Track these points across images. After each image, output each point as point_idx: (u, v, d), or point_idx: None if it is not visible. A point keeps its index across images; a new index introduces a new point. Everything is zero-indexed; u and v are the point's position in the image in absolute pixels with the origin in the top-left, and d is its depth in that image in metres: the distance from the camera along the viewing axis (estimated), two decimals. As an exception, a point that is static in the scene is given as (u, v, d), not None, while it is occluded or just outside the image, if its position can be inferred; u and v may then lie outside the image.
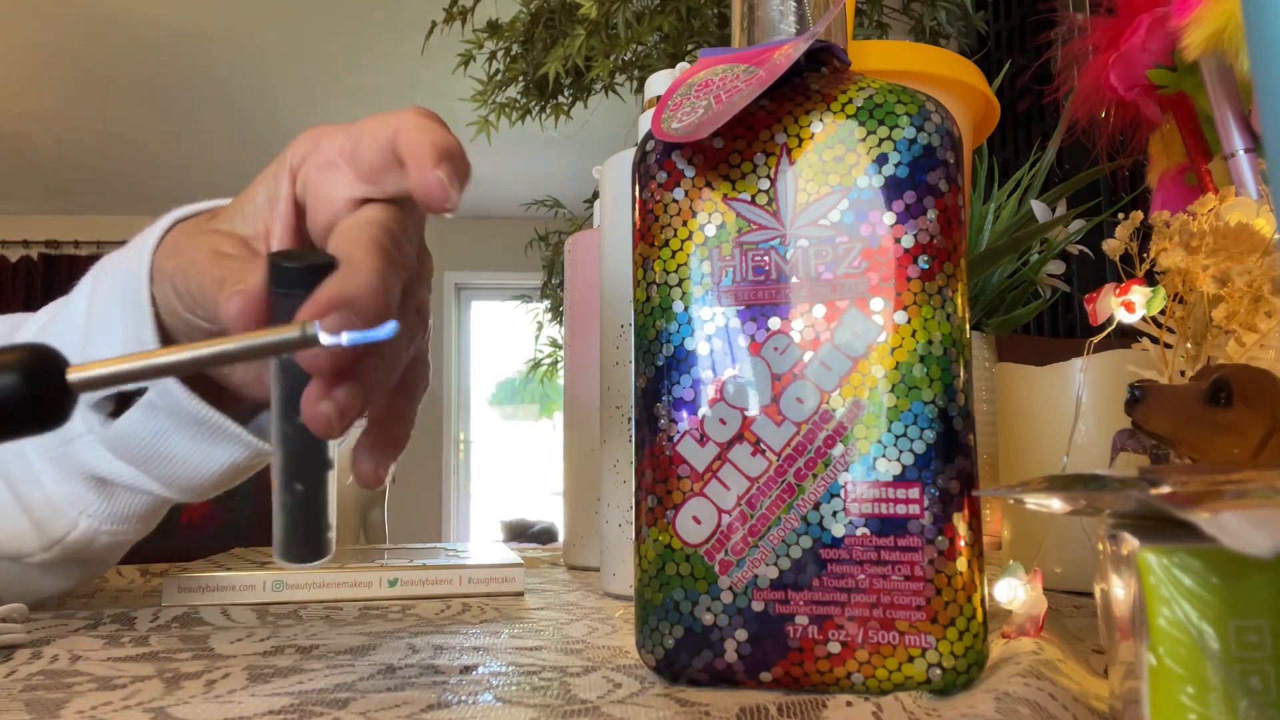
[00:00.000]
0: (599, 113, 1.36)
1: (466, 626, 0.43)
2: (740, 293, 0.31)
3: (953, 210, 0.30)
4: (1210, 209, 0.40)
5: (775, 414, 0.30)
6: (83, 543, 0.42)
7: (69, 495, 0.41)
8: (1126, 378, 0.40)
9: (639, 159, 0.33)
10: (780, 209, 0.31)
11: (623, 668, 0.33)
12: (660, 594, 0.31)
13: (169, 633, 0.41)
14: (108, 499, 0.41)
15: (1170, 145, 0.71)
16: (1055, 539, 0.51)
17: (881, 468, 0.29)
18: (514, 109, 1.33)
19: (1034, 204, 0.82)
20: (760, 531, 0.30)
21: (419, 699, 0.29)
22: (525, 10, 1.29)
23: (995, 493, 0.24)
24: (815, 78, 0.32)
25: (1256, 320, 0.38)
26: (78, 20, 2.91)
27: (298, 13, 2.91)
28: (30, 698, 0.29)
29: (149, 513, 0.43)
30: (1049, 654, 0.31)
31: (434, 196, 0.31)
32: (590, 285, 0.66)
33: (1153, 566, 0.19)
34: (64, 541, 0.42)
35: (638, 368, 0.32)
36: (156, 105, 3.52)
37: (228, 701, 0.29)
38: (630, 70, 1.26)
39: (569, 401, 0.70)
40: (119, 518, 0.42)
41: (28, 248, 4.58)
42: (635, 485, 0.32)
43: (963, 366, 0.30)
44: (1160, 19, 0.63)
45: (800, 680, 0.29)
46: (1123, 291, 0.38)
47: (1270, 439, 0.31)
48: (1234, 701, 0.18)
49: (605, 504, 0.53)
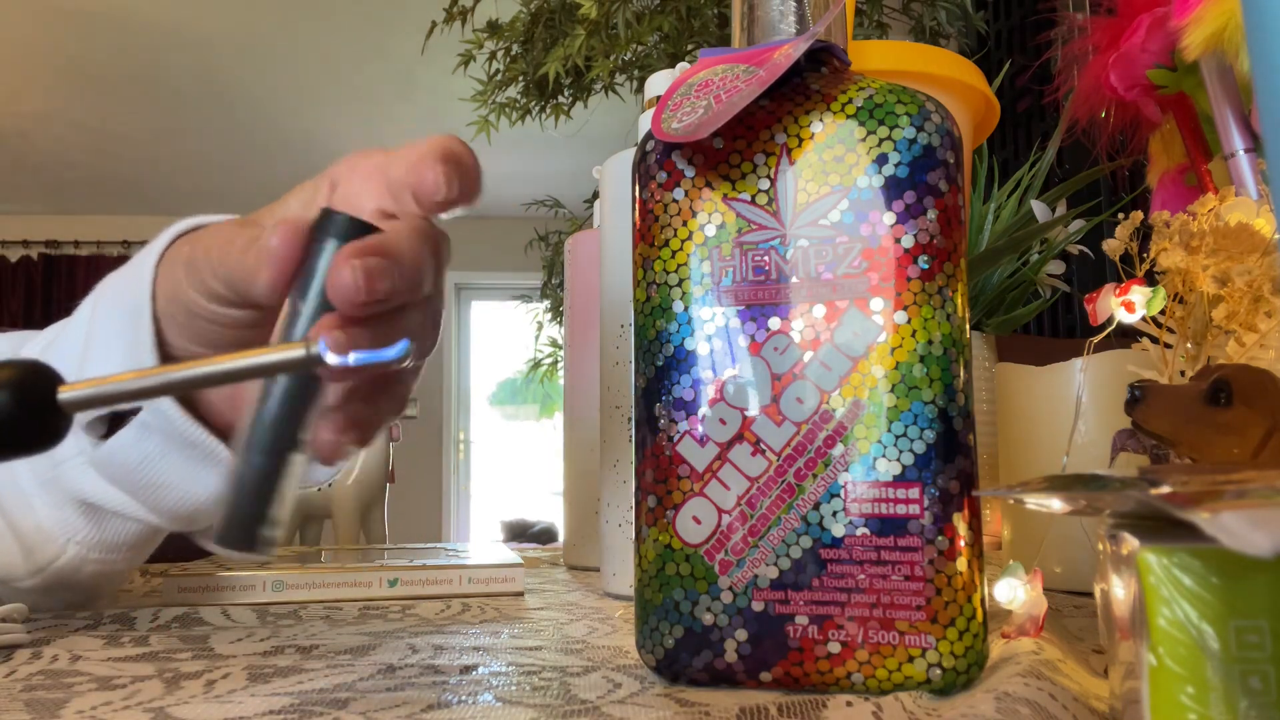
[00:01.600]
0: (599, 113, 1.36)
1: (466, 626, 0.43)
2: (740, 293, 0.31)
3: (953, 210, 0.30)
4: (1210, 209, 0.40)
5: (775, 414, 0.30)
6: (69, 569, 0.41)
7: (59, 521, 0.40)
8: (1126, 378, 0.40)
9: (639, 159, 0.33)
10: (780, 209, 0.31)
11: (623, 668, 0.33)
12: (660, 594, 0.31)
13: (169, 633, 0.41)
14: (97, 525, 0.41)
15: (1170, 145, 0.71)
16: (1055, 539, 0.51)
17: (881, 468, 0.29)
18: (514, 109, 1.33)
19: (1034, 204, 0.82)
20: (760, 531, 0.30)
21: (419, 699, 0.29)
22: (525, 10, 1.29)
23: (995, 493, 0.24)
24: (815, 78, 0.32)
25: (1256, 320, 0.38)
26: (77, 20, 2.91)
27: (297, 13, 2.91)
28: (30, 698, 0.29)
29: (139, 542, 0.42)
30: (1049, 654, 0.31)
31: (424, 182, 0.31)
32: (590, 285, 0.66)
33: (1153, 566, 0.19)
34: (50, 568, 0.41)
35: (638, 368, 0.32)
36: (156, 105, 3.52)
37: (228, 701, 0.29)
38: (630, 70, 1.26)
39: (569, 401, 0.70)
40: (108, 545, 0.41)
41: (28, 248, 4.58)
42: (635, 485, 0.32)
43: (963, 366, 0.30)
44: (1160, 19, 0.63)
45: (800, 680, 0.29)
46: (1123, 291, 0.38)
47: (1270, 439, 0.31)
48: (1234, 701, 0.18)
49: (605, 504, 0.53)
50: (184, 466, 0.38)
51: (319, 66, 3.26)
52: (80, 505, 0.40)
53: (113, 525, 0.41)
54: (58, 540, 0.41)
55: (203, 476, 0.38)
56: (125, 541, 0.42)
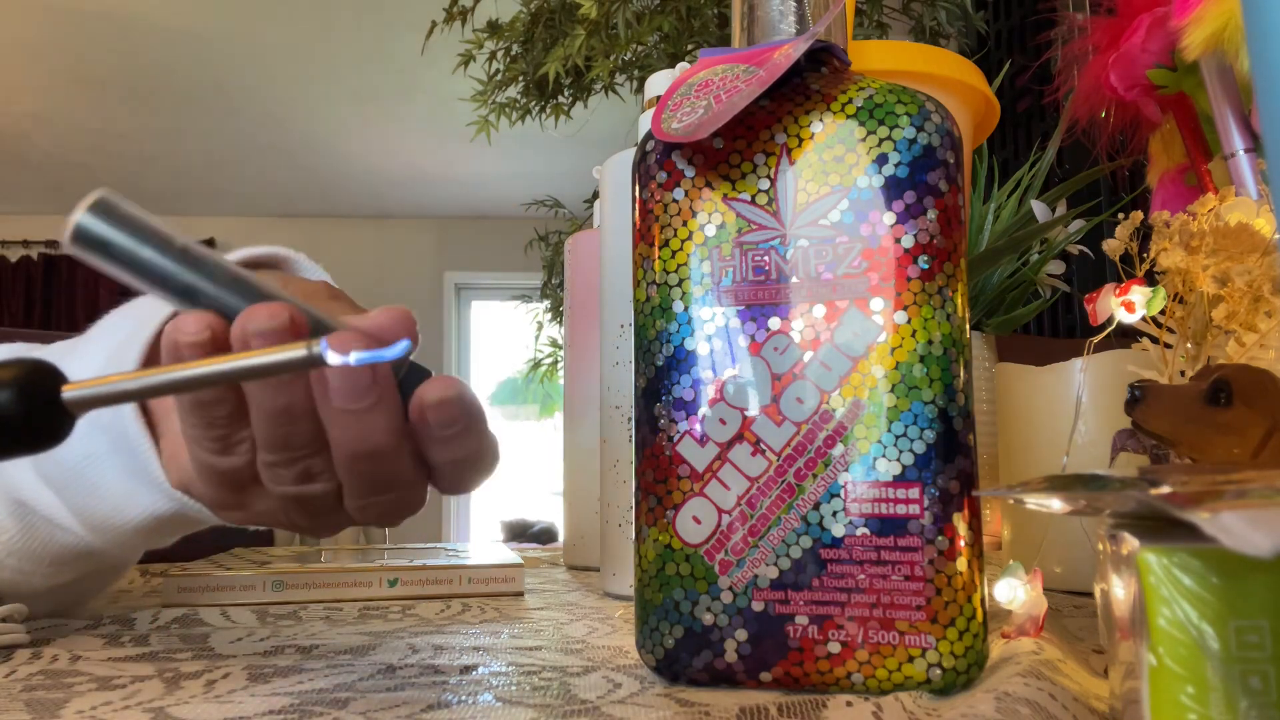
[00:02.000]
0: (599, 113, 1.36)
1: (466, 626, 0.43)
2: (740, 293, 0.31)
3: (953, 210, 0.30)
4: (1210, 209, 0.40)
5: (775, 414, 0.30)
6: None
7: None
8: (1126, 378, 0.40)
9: (639, 159, 0.33)
10: (780, 209, 0.31)
11: (623, 668, 0.33)
12: (660, 594, 0.31)
13: (169, 633, 0.41)
14: (24, 530, 0.39)
15: (1170, 145, 0.71)
16: (1055, 539, 0.51)
17: (881, 468, 0.29)
18: (514, 109, 1.33)
19: (1034, 204, 0.82)
20: (760, 531, 0.30)
21: (419, 699, 0.29)
22: (525, 10, 1.29)
23: (995, 493, 0.24)
24: (815, 78, 0.32)
25: (1256, 320, 0.38)
26: (77, 20, 2.91)
27: (298, 13, 2.91)
28: (30, 697, 0.29)
29: (62, 557, 0.40)
30: (1049, 654, 0.31)
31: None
32: (590, 285, 0.66)
33: (1153, 566, 0.19)
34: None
35: (638, 368, 0.32)
36: (156, 105, 3.52)
37: (228, 701, 0.29)
38: (630, 70, 1.26)
39: (569, 401, 0.70)
40: (28, 554, 0.40)
41: (28, 248, 4.58)
42: (635, 485, 0.32)
43: (963, 366, 0.30)
44: (1160, 19, 0.63)
45: (800, 680, 0.29)
46: (1123, 291, 0.38)
47: (1270, 439, 0.31)
48: (1234, 701, 0.18)
49: (605, 504, 0.53)
50: (119, 476, 0.36)
51: (319, 67, 3.26)
52: (13, 504, 0.39)
53: (40, 532, 0.39)
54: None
55: (136, 492, 0.36)
56: (48, 554, 0.40)
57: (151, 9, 2.87)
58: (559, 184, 2.57)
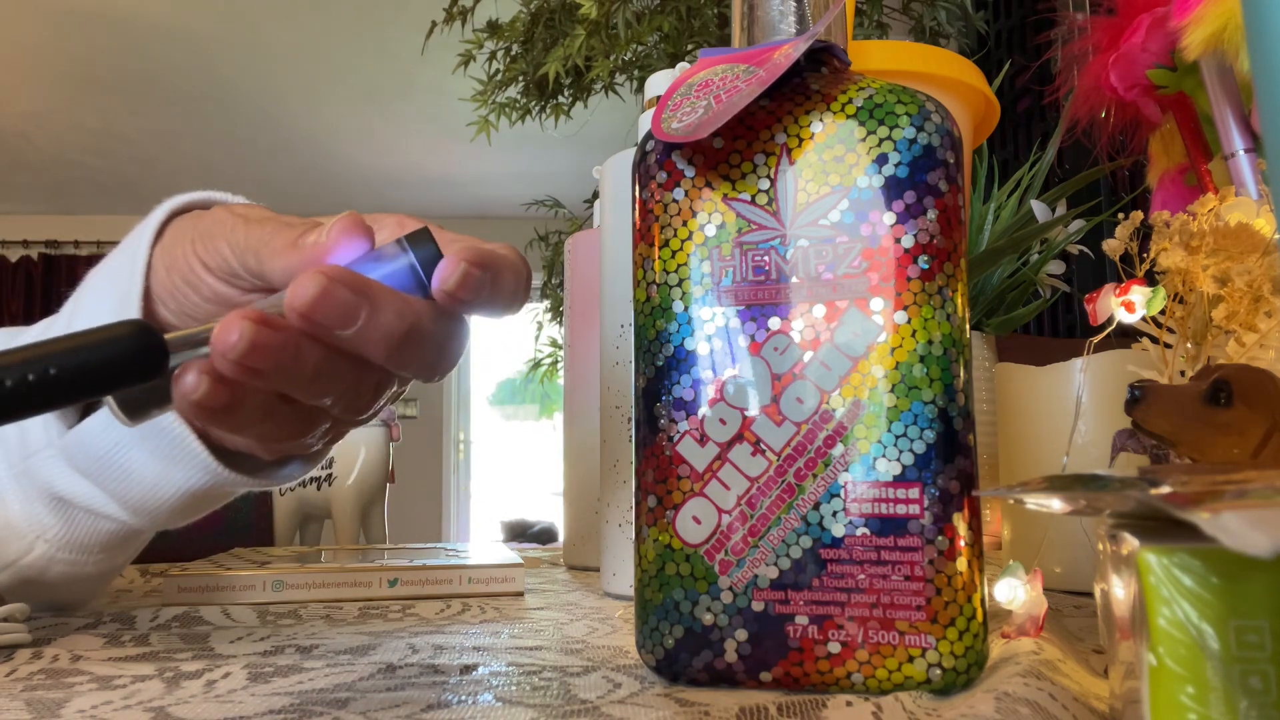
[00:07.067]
0: (599, 113, 1.36)
1: (466, 626, 0.43)
2: (740, 293, 0.31)
3: (953, 210, 0.30)
4: (1210, 209, 0.40)
5: (775, 414, 0.30)
6: (36, 569, 0.40)
7: (28, 517, 0.39)
8: (1126, 378, 0.40)
9: (639, 159, 0.33)
10: (780, 209, 0.31)
11: (623, 668, 0.33)
12: (660, 594, 0.31)
13: (169, 632, 0.41)
14: (66, 523, 0.39)
15: (1170, 145, 0.71)
16: (1055, 539, 0.51)
17: (881, 468, 0.29)
18: (514, 109, 1.33)
19: (1034, 204, 0.82)
20: (760, 531, 0.30)
21: (419, 699, 0.29)
22: (525, 10, 1.29)
23: (995, 493, 0.24)
24: (815, 78, 0.32)
25: (1256, 320, 0.38)
26: (77, 20, 2.91)
27: (298, 13, 2.91)
28: (31, 697, 0.29)
29: (110, 543, 0.41)
30: (1049, 654, 0.31)
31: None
32: (590, 285, 0.66)
33: (1153, 566, 0.19)
34: (17, 565, 0.40)
35: (638, 368, 0.32)
36: (156, 105, 3.51)
37: (228, 701, 0.29)
38: (630, 70, 1.26)
39: (569, 401, 0.70)
40: (77, 545, 0.40)
41: (28, 248, 4.58)
42: (635, 485, 0.32)
43: (963, 366, 0.30)
44: (1160, 19, 0.63)
45: (800, 680, 0.29)
46: (1123, 291, 0.38)
47: (1270, 439, 0.31)
48: (1234, 701, 0.18)
49: (605, 504, 0.53)
50: (152, 459, 0.37)
51: (319, 66, 3.26)
52: (51, 500, 0.39)
53: (83, 523, 0.40)
54: (26, 537, 0.40)
55: (171, 472, 0.37)
56: (96, 542, 0.40)
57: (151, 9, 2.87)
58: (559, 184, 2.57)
